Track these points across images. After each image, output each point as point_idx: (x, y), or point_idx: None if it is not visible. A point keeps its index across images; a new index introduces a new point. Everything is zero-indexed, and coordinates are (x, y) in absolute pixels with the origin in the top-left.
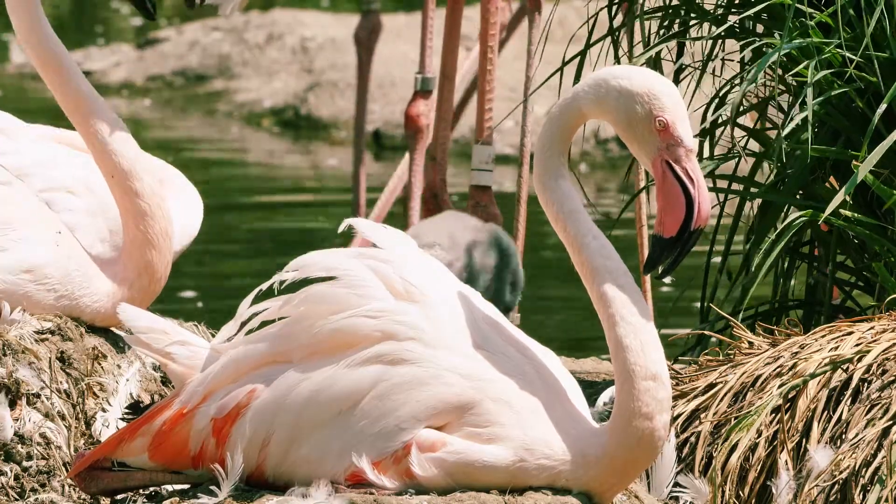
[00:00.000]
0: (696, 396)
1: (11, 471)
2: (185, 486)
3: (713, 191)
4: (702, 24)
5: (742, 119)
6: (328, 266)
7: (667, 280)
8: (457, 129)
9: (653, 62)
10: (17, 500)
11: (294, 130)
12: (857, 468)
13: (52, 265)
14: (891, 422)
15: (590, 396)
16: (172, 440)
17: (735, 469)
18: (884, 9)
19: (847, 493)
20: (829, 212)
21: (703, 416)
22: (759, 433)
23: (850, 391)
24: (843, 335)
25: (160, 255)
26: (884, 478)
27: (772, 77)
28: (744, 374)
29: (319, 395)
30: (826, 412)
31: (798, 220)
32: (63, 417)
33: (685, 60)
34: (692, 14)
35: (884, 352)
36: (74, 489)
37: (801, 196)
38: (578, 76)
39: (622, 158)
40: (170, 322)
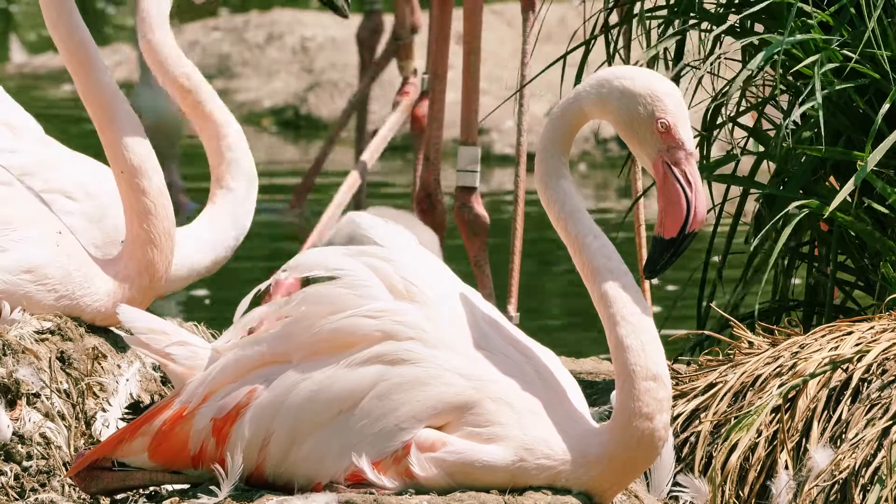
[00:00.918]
0: (696, 396)
1: (11, 471)
2: (185, 486)
3: (717, 179)
4: (700, 24)
5: (742, 119)
6: (327, 266)
7: (656, 280)
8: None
9: (653, 62)
10: (17, 500)
11: (294, 130)
12: (857, 468)
13: (53, 265)
14: (891, 422)
15: (590, 396)
16: (172, 440)
17: (735, 469)
18: (883, 8)
19: (847, 493)
20: (834, 206)
21: (703, 416)
22: (759, 433)
23: (850, 391)
24: (843, 335)
25: (161, 255)
26: (884, 478)
27: (772, 77)
28: (744, 374)
29: (319, 395)
30: (826, 412)
31: (802, 212)
32: (63, 417)
33: (685, 60)
34: (692, 13)
35: (884, 351)
36: (74, 489)
37: (802, 195)
38: (579, 77)
39: (622, 158)
40: (169, 322)
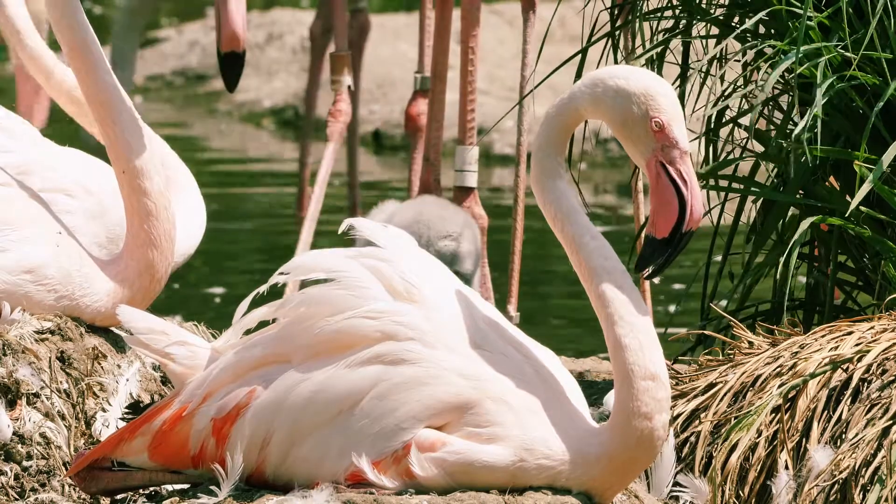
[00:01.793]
0: (696, 396)
1: (11, 470)
2: (185, 486)
3: (718, 188)
4: (699, 24)
5: (742, 119)
6: (326, 267)
7: (656, 280)
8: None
9: (654, 64)
10: (17, 500)
11: (294, 130)
12: (857, 468)
13: (53, 265)
14: (891, 421)
15: (590, 396)
16: (172, 440)
17: (735, 469)
18: (883, 10)
19: (847, 493)
20: (837, 215)
21: (703, 416)
22: (759, 433)
23: (850, 391)
24: (843, 335)
25: (161, 256)
26: (884, 478)
27: (778, 80)
28: (744, 374)
29: (319, 396)
30: (826, 412)
31: (807, 225)
32: (63, 417)
33: (682, 61)
34: (693, 15)
35: (884, 351)
36: (74, 489)
37: (802, 196)
38: (579, 77)
39: (622, 158)
40: (169, 322)
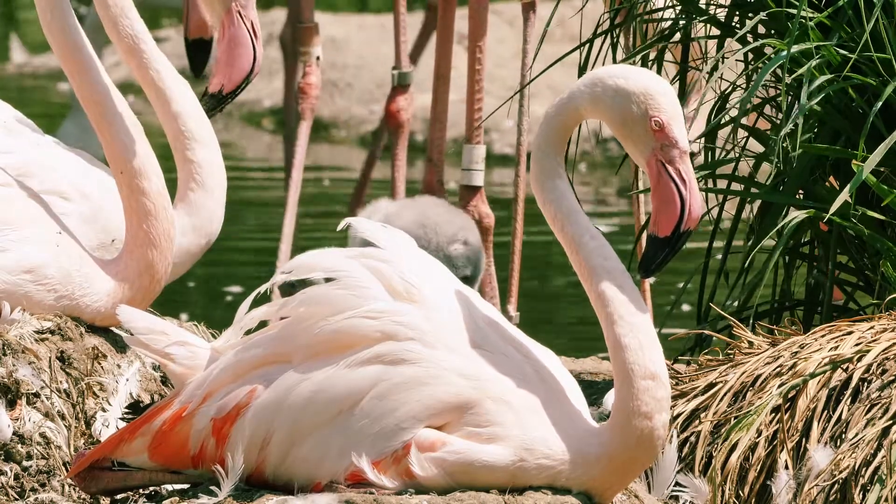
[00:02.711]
0: (696, 396)
1: (11, 470)
2: (185, 486)
3: (714, 191)
4: (702, 24)
5: (742, 119)
6: (326, 267)
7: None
8: (455, 129)
9: (653, 64)
10: (17, 500)
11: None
12: (857, 468)
13: (53, 265)
14: (891, 421)
15: (590, 396)
16: (172, 440)
17: (735, 469)
18: (881, 10)
19: (847, 493)
20: (832, 212)
21: (703, 416)
22: (759, 433)
23: (850, 391)
24: (843, 335)
25: (161, 256)
26: (884, 477)
27: (773, 79)
28: (744, 374)
29: (319, 396)
30: (826, 412)
31: (797, 219)
32: (63, 417)
33: (682, 61)
34: (693, 15)
35: (884, 351)
36: (74, 489)
37: (802, 196)
38: (581, 76)
39: (622, 158)
40: (169, 322)
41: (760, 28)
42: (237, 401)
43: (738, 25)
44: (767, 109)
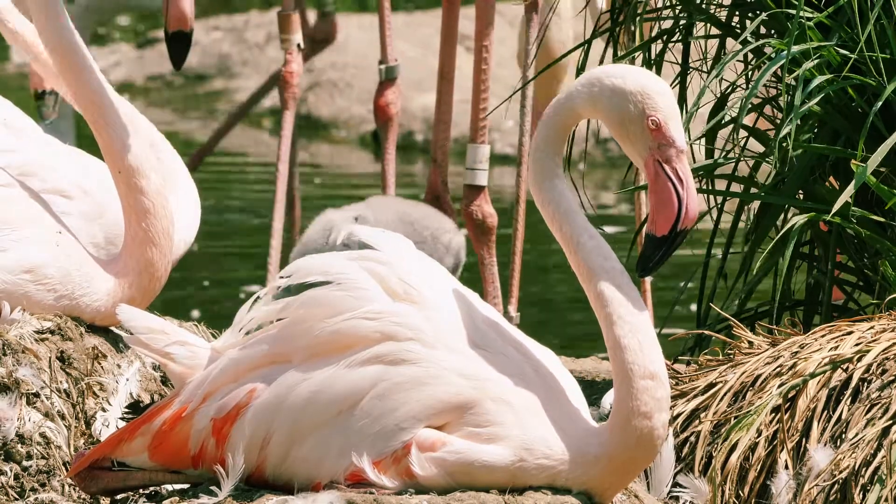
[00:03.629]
0: (696, 396)
1: (11, 470)
2: (185, 486)
3: (714, 193)
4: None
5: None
6: (325, 270)
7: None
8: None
9: (653, 64)
10: (17, 500)
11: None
12: (857, 468)
13: (52, 265)
14: (891, 421)
15: (590, 396)
16: (172, 440)
17: (735, 469)
18: (881, 9)
19: (847, 493)
20: (833, 214)
21: (703, 416)
22: (759, 433)
23: (850, 391)
24: (843, 335)
25: (161, 254)
26: (884, 477)
27: (773, 79)
28: (744, 374)
29: (319, 395)
30: (826, 412)
31: (798, 223)
32: (63, 417)
33: (683, 61)
34: (692, 14)
35: (884, 351)
36: (74, 489)
37: (802, 196)
38: (578, 76)
39: (622, 158)
40: (169, 322)
41: (760, 28)
42: (237, 401)
43: (738, 25)
44: (768, 110)
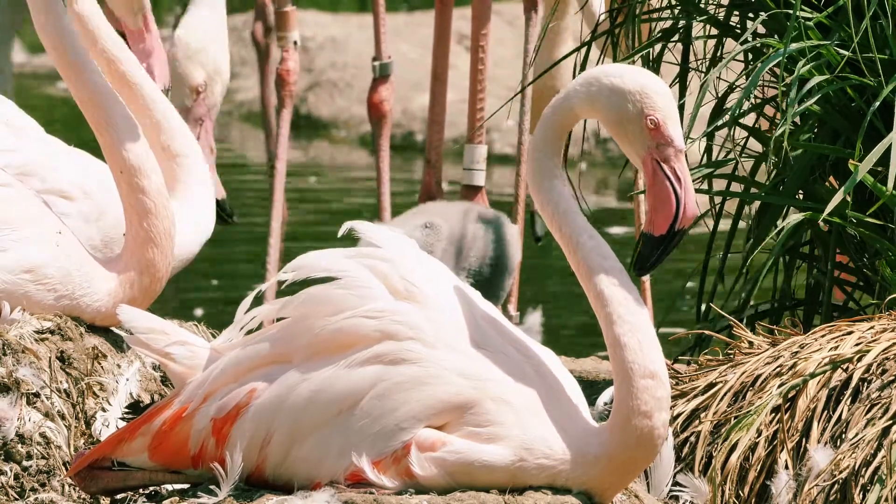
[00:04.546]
0: (696, 396)
1: (11, 470)
2: (185, 486)
3: (713, 193)
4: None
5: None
6: (327, 267)
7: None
8: (455, 129)
9: (652, 64)
10: (17, 500)
11: (294, 130)
12: (857, 468)
13: (53, 265)
14: (891, 421)
15: (590, 396)
16: (172, 440)
17: (735, 468)
18: (878, 9)
19: (847, 493)
20: (828, 212)
21: (703, 416)
22: (759, 433)
23: (850, 391)
24: (843, 335)
25: (162, 255)
26: (884, 477)
27: (773, 79)
28: (744, 374)
29: (319, 395)
30: (826, 412)
31: (794, 222)
32: (63, 417)
33: (682, 61)
34: (691, 15)
35: (884, 351)
36: (74, 489)
37: (802, 196)
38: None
39: (622, 157)
40: (169, 322)
41: (760, 27)
42: (237, 401)
43: (737, 24)
44: (770, 110)
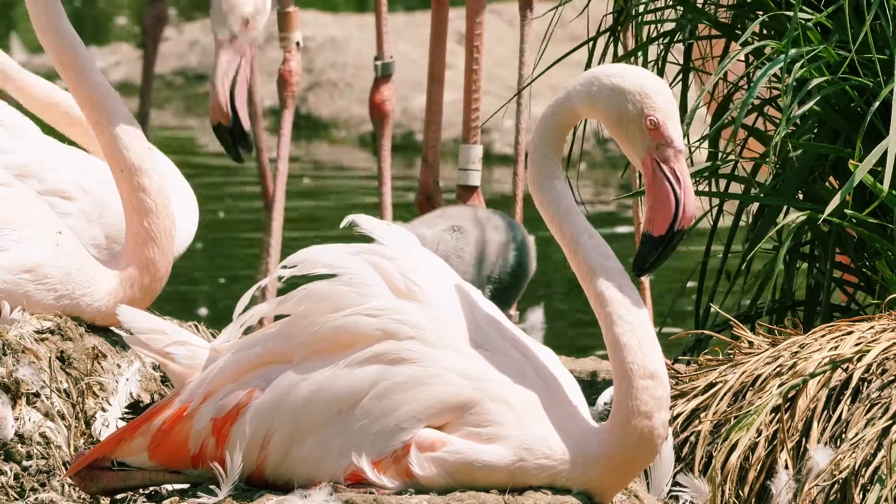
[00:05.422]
0: (696, 396)
1: (11, 470)
2: (185, 486)
3: (713, 195)
4: (700, 26)
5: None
6: (328, 263)
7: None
8: (455, 129)
9: (654, 64)
10: (17, 500)
11: (294, 130)
12: (857, 468)
13: (53, 265)
14: (891, 421)
15: (590, 396)
16: (172, 440)
17: (735, 468)
18: (879, 9)
19: (847, 493)
20: (828, 212)
21: (703, 416)
22: (759, 433)
23: (850, 391)
24: (843, 335)
25: (162, 254)
26: (884, 477)
27: (774, 79)
28: (744, 374)
29: (319, 395)
30: (826, 412)
31: (795, 223)
32: (63, 417)
33: (681, 61)
34: (693, 16)
35: (884, 351)
36: (74, 489)
37: (802, 196)
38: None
39: (622, 158)
40: (169, 322)
41: (762, 29)
42: (237, 400)
43: (738, 25)
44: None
